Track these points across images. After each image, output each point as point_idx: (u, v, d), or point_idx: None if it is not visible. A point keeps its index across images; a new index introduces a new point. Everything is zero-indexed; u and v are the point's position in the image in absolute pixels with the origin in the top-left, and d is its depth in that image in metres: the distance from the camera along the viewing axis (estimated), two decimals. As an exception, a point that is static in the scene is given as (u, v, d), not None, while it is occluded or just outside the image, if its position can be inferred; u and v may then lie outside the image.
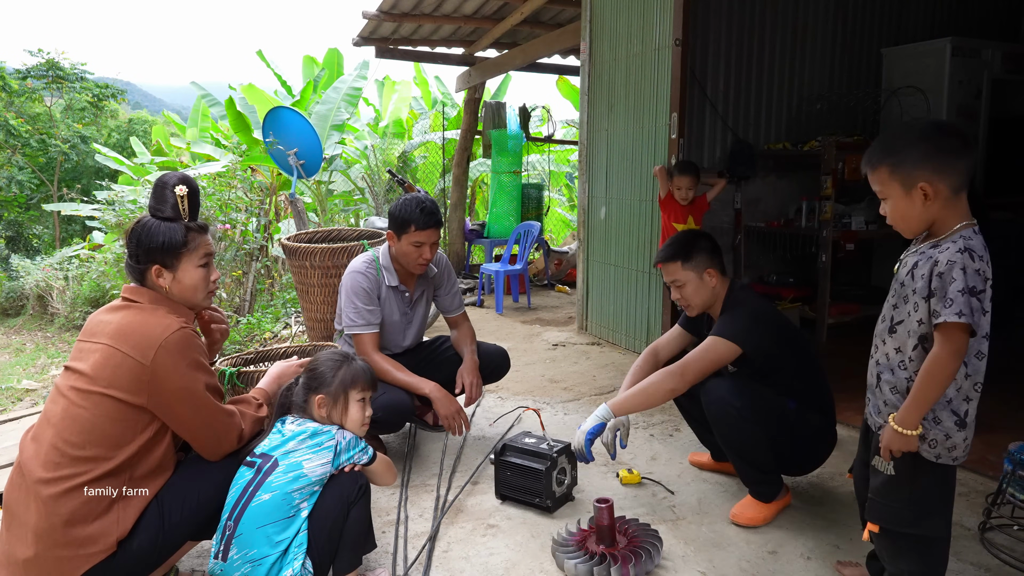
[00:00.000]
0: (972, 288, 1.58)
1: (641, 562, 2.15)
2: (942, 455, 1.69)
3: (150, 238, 1.90)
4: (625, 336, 4.95)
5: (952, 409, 1.68)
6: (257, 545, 1.82)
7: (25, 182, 12.92)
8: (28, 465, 1.75)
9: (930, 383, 1.63)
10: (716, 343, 2.42)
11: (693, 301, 2.57)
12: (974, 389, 1.68)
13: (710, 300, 2.57)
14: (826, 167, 4.32)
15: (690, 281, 2.55)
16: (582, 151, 5.37)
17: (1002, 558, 2.23)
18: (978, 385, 1.68)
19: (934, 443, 1.69)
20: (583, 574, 2.14)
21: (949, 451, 1.69)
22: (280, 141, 5.68)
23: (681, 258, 2.55)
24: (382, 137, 10.54)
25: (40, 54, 13.20)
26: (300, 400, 2.06)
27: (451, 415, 2.85)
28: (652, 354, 2.78)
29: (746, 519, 2.47)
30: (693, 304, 2.59)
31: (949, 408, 1.68)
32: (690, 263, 2.54)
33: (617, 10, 4.83)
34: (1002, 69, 5.32)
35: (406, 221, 2.86)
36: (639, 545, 2.22)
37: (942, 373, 1.62)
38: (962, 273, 1.58)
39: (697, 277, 2.54)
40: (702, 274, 2.54)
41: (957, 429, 1.68)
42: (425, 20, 6.72)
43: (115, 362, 1.77)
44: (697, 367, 2.42)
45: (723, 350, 2.41)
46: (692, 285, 2.55)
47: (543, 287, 7.61)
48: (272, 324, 5.97)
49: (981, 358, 1.66)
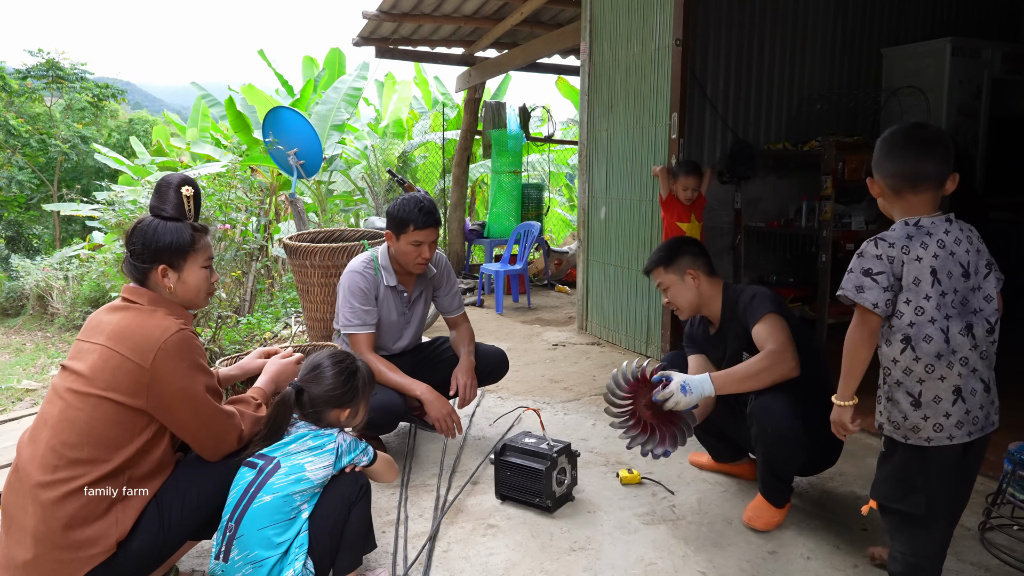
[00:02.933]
0: (865, 269, 1.75)
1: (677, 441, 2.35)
2: (909, 435, 1.76)
3: (157, 238, 1.89)
4: (625, 336, 4.95)
5: (906, 390, 1.75)
6: (258, 546, 1.82)
7: (25, 182, 12.91)
8: (25, 468, 1.74)
9: (845, 355, 1.82)
10: (772, 320, 2.37)
11: (679, 303, 2.62)
12: (926, 371, 1.72)
13: (696, 300, 2.59)
14: (826, 167, 4.32)
15: (673, 284, 2.60)
16: (582, 151, 5.37)
17: (1002, 558, 2.23)
18: (930, 367, 1.71)
19: (896, 424, 1.78)
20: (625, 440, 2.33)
21: (914, 431, 1.75)
22: (280, 141, 5.68)
23: (663, 263, 2.62)
24: (382, 137, 10.54)
25: (40, 54, 13.19)
26: (313, 410, 2.02)
27: (442, 417, 2.84)
28: None
29: (764, 523, 2.43)
30: (680, 306, 2.62)
31: (903, 389, 1.76)
32: (671, 266, 2.60)
33: (617, 10, 4.83)
34: (1002, 69, 5.32)
35: (404, 220, 2.86)
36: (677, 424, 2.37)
37: (849, 344, 1.81)
38: (858, 258, 1.78)
39: (679, 279, 2.59)
40: (683, 276, 2.58)
41: (913, 409, 1.74)
42: (425, 20, 6.72)
43: (114, 364, 1.76)
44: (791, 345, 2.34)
45: (781, 321, 2.38)
46: (675, 287, 2.60)
47: (543, 287, 7.61)
48: (272, 324, 5.97)
49: (929, 341, 1.70)
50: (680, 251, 2.62)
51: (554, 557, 2.30)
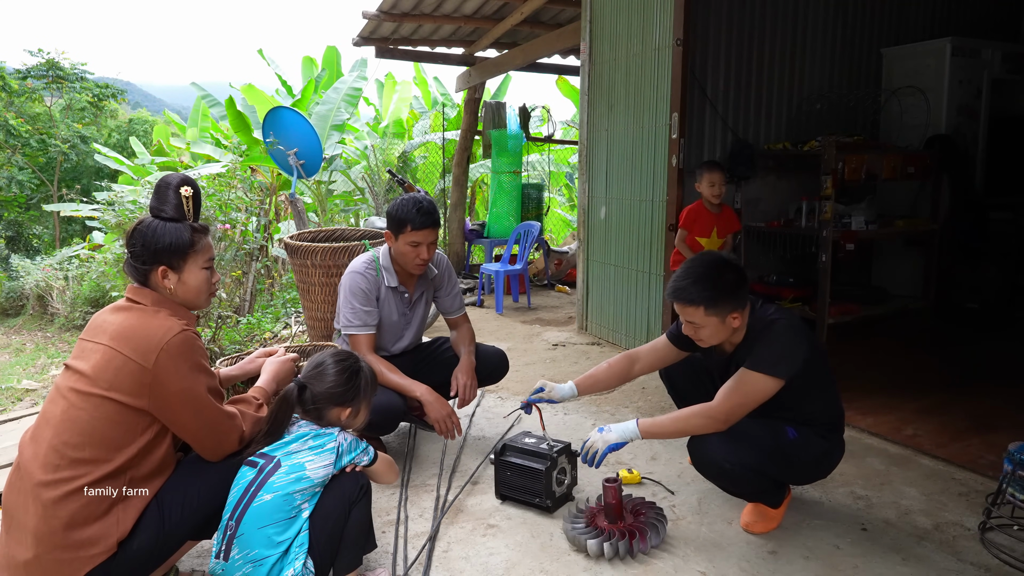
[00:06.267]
0: None
1: (647, 538, 2.28)
2: None
3: (156, 239, 1.89)
4: (625, 336, 4.95)
5: None
6: (258, 545, 1.82)
7: (25, 182, 12.92)
8: (27, 467, 1.75)
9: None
10: (758, 381, 2.17)
11: (711, 341, 2.30)
12: None
13: (727, 337, 2.31)
14: (826, 167, 4.31)
15: (711, 325, 2.24)
16: (582, 151, 5.37)
17: (1002, 558, 2.23)
18: None
19: None
20: (594, 548, 2.24)
21: None
22: (280, 141, 5.68)
23: (704, 303, 2.20)
24: (382, 137, 10.54)
25: (40, 54, 13.20)
26: (315, 407, 2.03)
27: (442, 418, 2.83)
28: (628, 361, 2.60)
29: (759, 528, 2.41)
30: (710, 343, 2.31)
31: None
32: (714, 309, 2.20)
33: (617, 10, 4.83)
34: (1002, 69, 5.33)
35: (403, 221, 2.85)
36: (645, 522, 2.33)
37: None
38: None
39: (720, 322, 2.23)
40: (726, 318, 2.23)
41: None
42: (425, 20, 6.72)
43: (116, 364, 1.76)
44: (742, 411, 2.21)
45: (765, 386, 2.18)
46: (712, 328, 2.25)
47: (543, 287, 7.61)
48: (272, 324, 5.97)
49: None
50: (723, 286, 2.20)
51: (554, 557, 2.30)
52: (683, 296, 2.23)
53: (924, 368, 4.31)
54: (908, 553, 2.30)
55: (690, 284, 2.22)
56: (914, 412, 3.54)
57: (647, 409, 3.70)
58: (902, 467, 2.96)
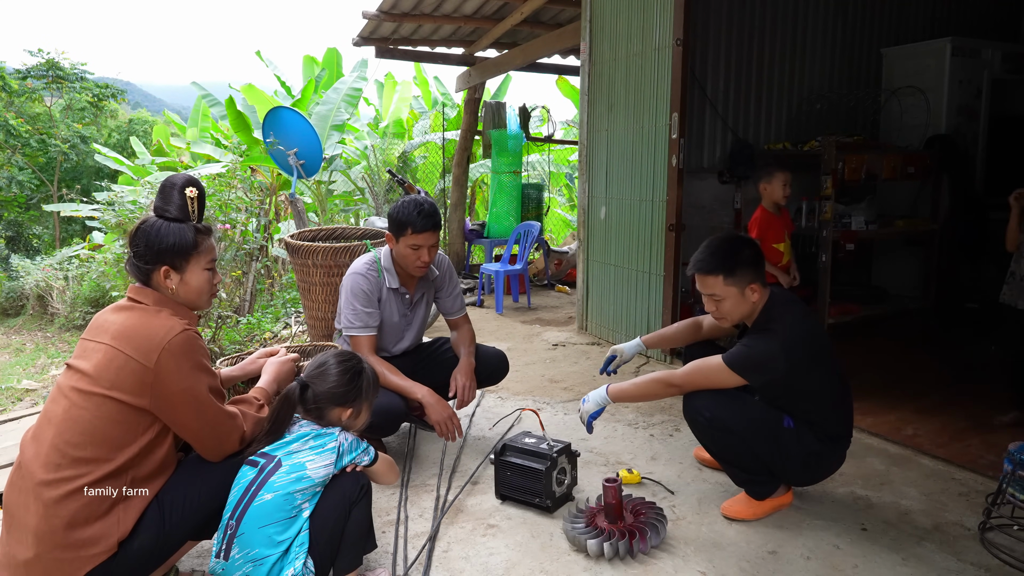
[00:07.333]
0: None
1: (647, 538, 2.27)
2: None
3: (160, 239, 1.89)
4: (625, 336, 4.95)
5: None
6: (259, 545, 1.82)
7: (25, 182, 12.93)
8: (29, 466, 1.75)
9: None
10: (721, 371, 2.31)
11: (731, 316, 2.39)
12: None
13: (748, 314, 2.39)
14: (826, 167, 4.32)
15: (730, 296, 2.33)
16: (582, 151, 5.37)
17: (1002, 558, 2.23)
18: None
19: None
20: (594, 548, 2.24)
21: None
22: (280, 141, 5.68)
23: (723, 272, 2.30)
24: (382, 137, 10.54)
25: (40, 54, 13.21)
26: (316, 407, 2.04)
27: (443, 420, 2.83)
28: (696, 324, 2.75)
29: (734, 512, 2.50)
30: (730, 319, 2.40)
31: None
32: (733, 278, 2.30)
33: (617, 10, 4.84)
34: (1002, 69, 5.33)
35: (403, 224, 2.85)
36: (645, 522, 2.33)
37: None
38: None
39: (739, 293, 2.32)
40: (744, 289, 2.32)
41: None
42: (425, 20, 6.72)
43: (118, 364, 1.76)
44: (696, 386, 2.40)
45: (726, 379, 2.32)
46: (732, 301, 2.34)
47: (543, 287, 7.61)
48: (272, 324, 5.98)
49: None
50: (742, 258, 2.31)
51: (554, 557, 2.30)
52: (703, 266, 2.35)
53: (924, 368, 4.32)
54: (908, 553, 2.30)
55: (708, 255, 2.36)
56: (914, 412, 3.54)
57: (646, 408, 3.70)
58: (902, 467, 2.97)
